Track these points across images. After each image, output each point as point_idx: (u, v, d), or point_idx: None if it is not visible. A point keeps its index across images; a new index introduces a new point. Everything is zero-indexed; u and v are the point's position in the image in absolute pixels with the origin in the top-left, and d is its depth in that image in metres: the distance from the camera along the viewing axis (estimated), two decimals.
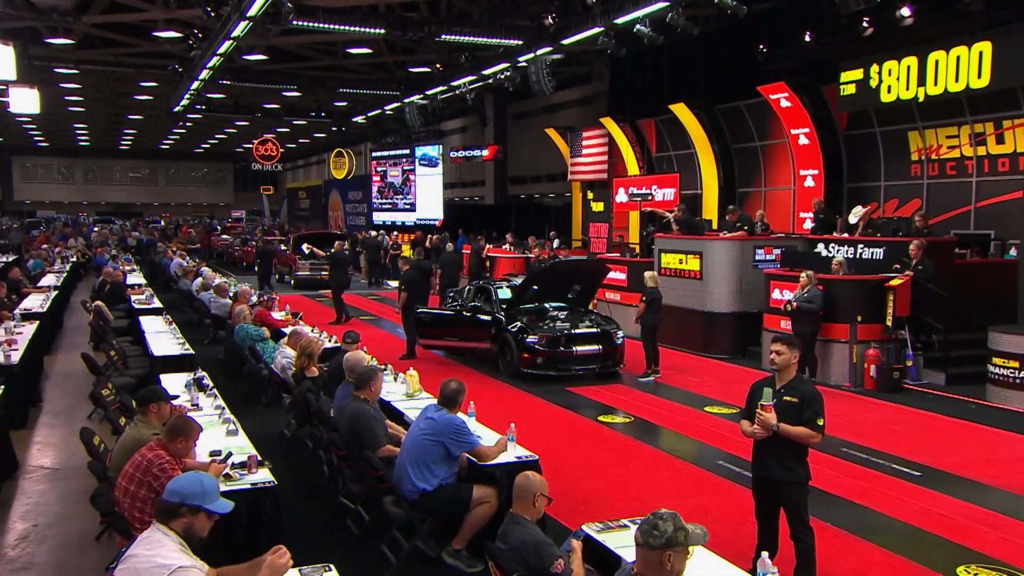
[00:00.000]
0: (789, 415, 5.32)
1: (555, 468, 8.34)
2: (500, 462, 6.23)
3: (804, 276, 12.13)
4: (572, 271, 13.78)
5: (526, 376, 12.43)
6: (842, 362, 12.33)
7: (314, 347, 8.61)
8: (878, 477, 8.17)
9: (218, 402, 7.47)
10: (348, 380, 7.28)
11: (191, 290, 17.10)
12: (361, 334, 16.94)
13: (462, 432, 6.03)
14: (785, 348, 5.46)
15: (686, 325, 14.97)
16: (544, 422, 10.30)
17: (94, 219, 62.77)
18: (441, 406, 6.14)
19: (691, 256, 14.84)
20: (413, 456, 5.96)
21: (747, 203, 21.83)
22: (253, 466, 5.60)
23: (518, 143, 35.86)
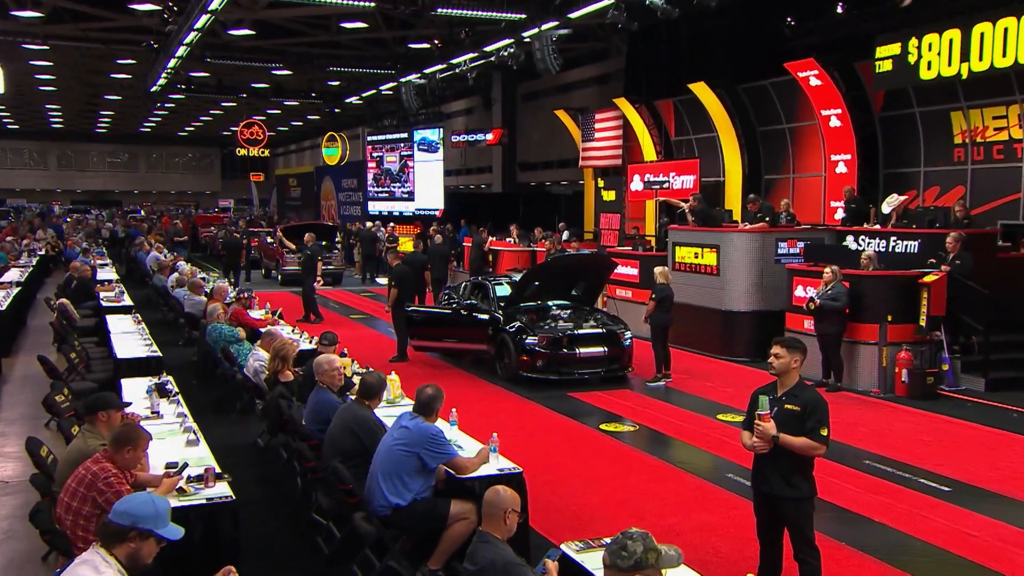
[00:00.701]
0: (790, 425, 5.30)
1: (548, 481, 8.38)
2: (481, 475, 6.23)
3: (828, 271, 12.09)
4: (576, 266, 13.80)
5: (525, 380, 12.46)
6: (870, 366, 12.29)
7: (288, 349, 8.65)
8: (902, 492, 8.15)
9: (180, 409, 7.51)
10: (319, 383, 7.31)
11: (167, 286, 17.18)
12: (351, 334, 17.32)
13: (439, 442, 6.05)
14: (784, 351, 5.43)
15: (702, 325, 14.95)
16: (541, 430, 10.32)
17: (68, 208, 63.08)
18: (416, 414, 6.16)
19: (707, 250, 14.81)
20: (385, 468, 5.99)
21: (774, 191, 21.78)
22: (210, 479, 5.64)
23: (528, 126, 35.84)
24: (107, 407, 5.77)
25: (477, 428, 10.10)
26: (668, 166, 22.60)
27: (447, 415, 7.53)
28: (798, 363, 5.45)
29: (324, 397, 7.22)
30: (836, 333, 12.10)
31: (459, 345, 13.86)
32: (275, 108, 47.69)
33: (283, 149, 71.84)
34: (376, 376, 6.86)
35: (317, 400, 7.24)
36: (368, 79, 31.66)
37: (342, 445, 6.44)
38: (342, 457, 6.35)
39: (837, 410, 10.91)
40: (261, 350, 9.36)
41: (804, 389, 5.45)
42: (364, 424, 6.46)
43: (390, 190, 36.62)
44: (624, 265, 16.76)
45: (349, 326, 18.48)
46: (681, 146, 24.28)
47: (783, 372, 5.44)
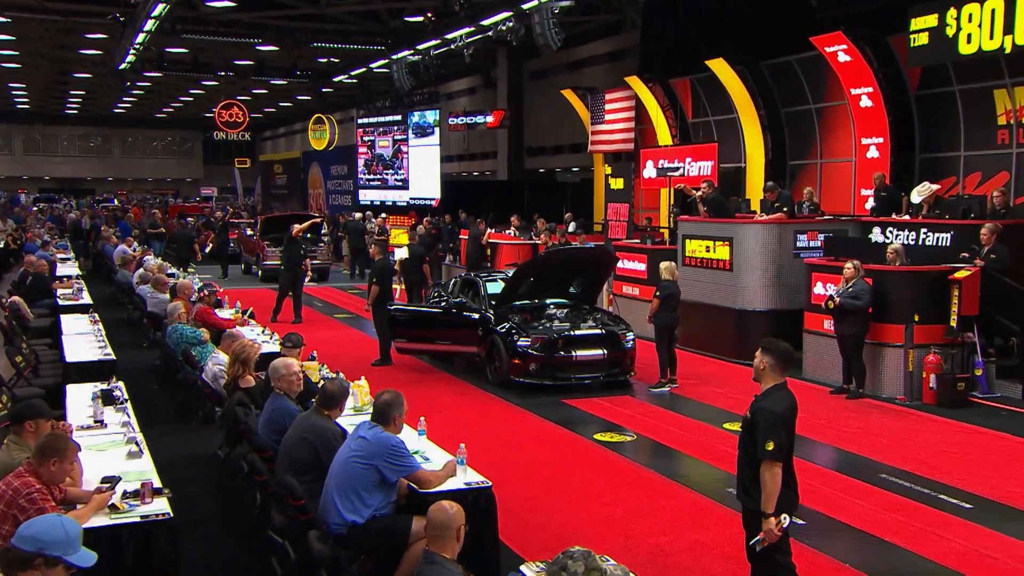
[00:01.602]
0: (744, 437, 5.38)
1: (531, 495, 8.43)
2: (447, 489, 6.28)
3: (849, 267, 12.08)
4: (574, 261, 13.81)
5: (517, 386, 12.50)
6: (896, 371, 12.28)
7: (249, 352, 8.69)
8: (919, 509, 8.15)
9: (127, 418, 7.57)
10: (276, 390, 7.36)
11: (132, 283, 17.30)
12: (333, 335, 17.41)
13: (399, 453, 6.08)
14: (759, 352, 5.49)
15: (713, 325, 14.97)
16: (529, 440, 10.37)
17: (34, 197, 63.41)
18: (375, 423, 6.20)
19: (720, 243, 14.81)
20: (341, 482, 6.02)
21: (800, 178, 21.76)
22: (148, 495, 5.69)
23: (536, 107, 35.88)
24: (35, 416, 5.82)
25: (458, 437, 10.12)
26: (683, 151, 22.60)
27: (415, 423, 7.59)
28: (765, 365, 5.45)
29: (281, 404, 7.27)
30: (858, 335, 12.09)
31: (446, 347, 13.91)
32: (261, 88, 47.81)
33: (271, 133, 72.08)
34: (337, 384, 6.91)
35: (273, 408, 7.28)
36: (358, 56, 31.74)
37: (297, 457, 6.48)
38: (296, 470, 6.40)
39: (857, 419, 11.12)
40: (221, 353, 9.43)
41: (765, 396, 5.42)
42: (321, 435, 6.50)
43: (382, 177, 36.74)
44: (631, 260, 16.79)
45: (332, 327, 18.57)
46: (699, 129, 24.28)
47: (758, 375, 5.50)
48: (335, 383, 6.89)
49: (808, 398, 12.32)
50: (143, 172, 77.84)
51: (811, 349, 13.40)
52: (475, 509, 6.34)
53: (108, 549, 5.21)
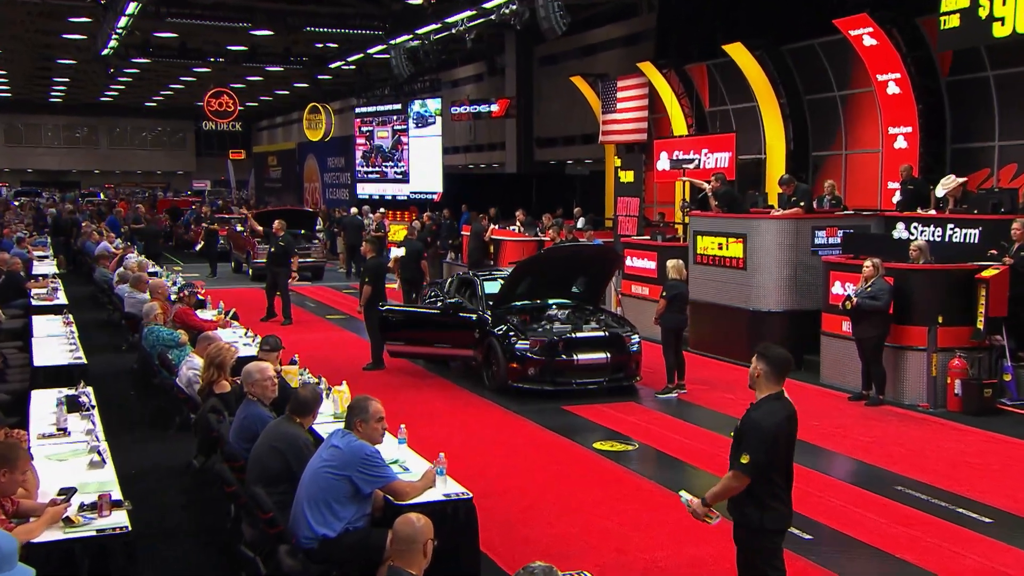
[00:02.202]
0: (735, 444, 5.43)
1: (524, 507, 8.47)
2: (425, 501, 6.31)
3: (868, 265, 12.07)
4: (575, 258, 13.84)
5: (515, 391, 12.55)
6: (918, 376, 12.26)
7: (225, 356, 8.73)
8: (935, 524, 8.14)
9: (91, 426, 7.63)
10: (248, 395, 7.40)
11: (111, 280, 17.39)
12: (324, 337, 17.49)
13: (374, 463, 6.11)
14: (754, 359, 5.50)
15: (725, 327, 14.99)
16: (524, 449, 10.41)
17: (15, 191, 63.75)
18: (348, 430, 6.24)
19: (733, 240, 14.82)
20: (312, 494, 6.06)
21: (823, 170, 21.73)
22: (105, 507, 5.73)
23: (546, 95, 35.90)
24: None
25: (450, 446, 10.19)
26: (699, 142, 22.59)
27: (395, 431, 7.63)
28: (759, 373, 5.45)
29: (253, 411, 7.30)
30: (877, 337, 12.08)
31: (441, 351, 13.96)
32: (256, 74, 47.96)
33: (267, 123, 72.34)
34: (311, 389, 6.95)
35: (246, 415, 7.32)
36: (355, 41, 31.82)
37: (267, 467, 6.53)
38: (266, 481, 6.44)
39: (875, 427, 11.11)
40: (196, 357, 9.48)
41: (757, 407, 5.43)
42: (292, 443, 6.54)
43: (381, 170, 36.81)
44: (640, 258, 16.81)
45: (323, 328, 18.65)
46: (716, 118, 24.25)
47: (752, 382, 5.50)
48: (308, 388, 6.94)
49: (825, 405, 12.33)
50: (132, 164, 78.13)
51: (829, 353, 13.39)
52: (454, 522, 6.40)
53: (61, 565, 5.25)
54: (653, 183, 25.60)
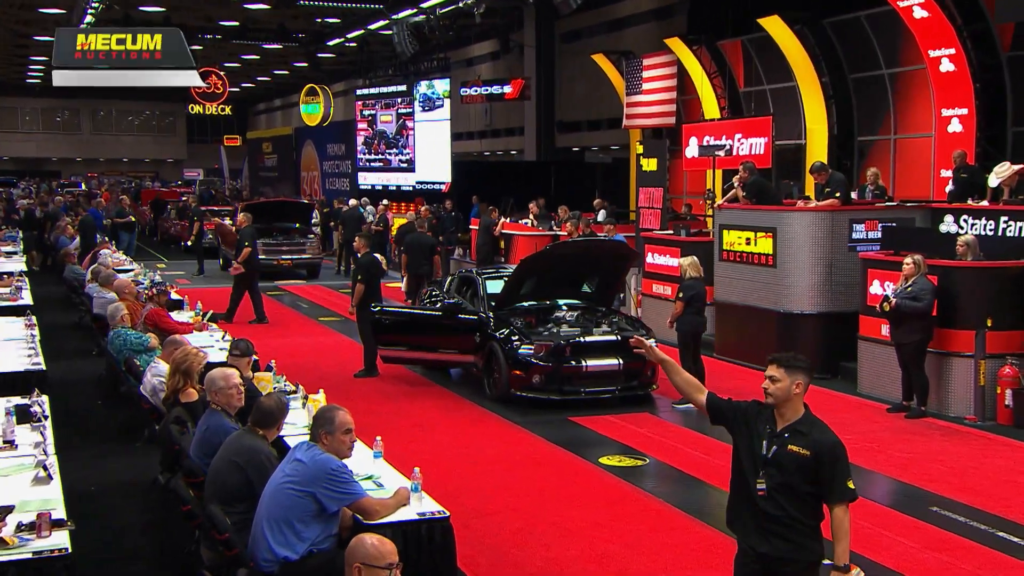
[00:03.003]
0: (797, 475, 5.21)
1: (519, 528, 8.51)
2: (397, 519, 6.37)
3: (909, 262, 12.01)
4: (585, 255, 13.85)
5: (519, 401, 12.58)
6: (964, 385, 12.20)
7: (192, 361, 8.78)
8: (970, 549, 8.12)
9: (41, 438, 7.70)
10: (212, 405, 7.46)
11: (83, 279, 17.55)
12: (314, 342, 17.59)
13: (340, 479, 6.15)
14: (782, 372, 5.30)
15: (754, 330, 14.97)
16: (524, 464, 10.44)
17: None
18: (313, 442, 6.28)
19: (761, 234, 14.79)
20: (273, 512, 6.10)
21: (870, 157, 21.71)
22: (44, 527, 5.79)
23: (569, 75, 35.99)
24: None
25: (441, 461, 10.34)
26: (732, 126, 22.53)
27: (371, 442, 7.68)
28: (800, 387, 5.30)
29: (216, 422, 7.35)
30: (918, 342, 12.02)
31: (438, 356, 14.01)
32: (252, 52, 48.24)
33: (265, 106, 72.80)
34: (275, 398, 6.99)
35: (208, 426, 7.38)
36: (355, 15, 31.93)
37: (225, 483, 6.57)
38: (224, 499, 6.49)
39: (914, 442, 11.09)
40: (161, 363, 9.54)
41: (815, 425, 5.31)
42: (253, 457, 6.58)
43: (384, 157, 36.92)
44: (662, 254, 16.81)
45: (314, 331, 18.75)
46: (751, 99, 24.23)
47: (783, 401, 5.31)
48: (272, 397, 6.98)
49: (861, 417, 12.30)
50: (117, 151, 78.78)
51: (867, 359, 13.35)
52: (429, 543, 6.45)
53: None
54: (682, 171, 25.62)
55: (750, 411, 5.54)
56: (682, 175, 26.46)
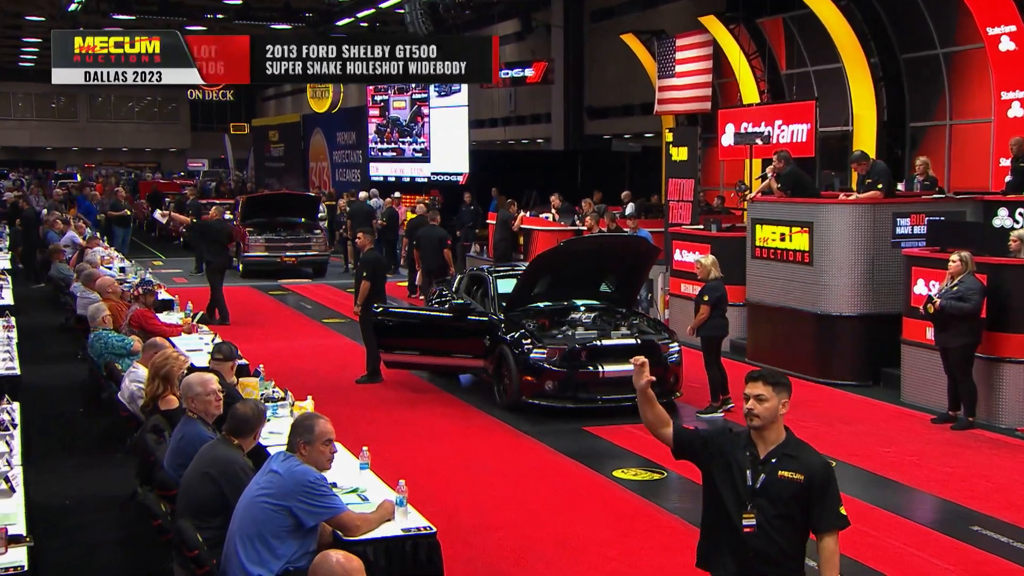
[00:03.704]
0: (794, 503, 5.17)
1: (521, 545, 8.58)
2: (379, 536, 6.41)
3: (955, 259, 11.95)
4: (602, 252, 13.86)
5: (531, 409, 12.64)
6: (1016, 394, 12.18)
7: (172, 366, 8.85)
8: (1013, 572, 8.11)
9: (6, 448, 7.80)
10: (189, 412, 7.54)
11: (70, 278, 17.73)
12: (316, 344, 17.70)
13: (318, 492, 6.19)
14: (769, 390, 5.22)
15: (787, 334, 14.99)
16: (532, 478, 10.50)
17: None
18: (291, 453, 6.34)
19: (797, 229, 14.76)
20: (246, 528, 6.13)
21: (923, 145, 21.60)
22: (0, 544, 5.87)
23: (600, 57, 36.00)
24: None
25: (441, 474, 10.41)
26: (771, 111, 22.54)
27: (357, 452, 7.74)
28: (785, 407, 5.25)
29: (193, 431, 7.42)
30: (965, 347, 11.96)
31: (444, 361, 14.07)
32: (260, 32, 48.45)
33: (274, 91, 72.98)
34: (251, 405, 7.04)
35: (183, 434, 7.44)
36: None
37: (198, 496, 6.62)
38: (197, 513, 6.55)
39: (959, 455, 11.10)
40: (141, 367, 9.64)
41: (802, 447, 5.27)
42: (227, 469, 6.62)
43: (398, 147, 37.03)
44: (691, 251, 16.80)
45: (317, 334, 18.86)
46: (793, 82, 24.16)
47: (769, 423, 5.22)
48: (248, 404, 7.03)
49: (902, 428, 12.29)
50: (116, 140, 79.36)
51: (912, 365, 13.31)
52: (414, 561, 6.49)
53: None
54: (718, 161, 25.59)
55: (723, 440, 5.42)
56: (718, 165, 26.44)
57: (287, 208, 27.61)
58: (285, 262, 26.23)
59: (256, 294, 23.74)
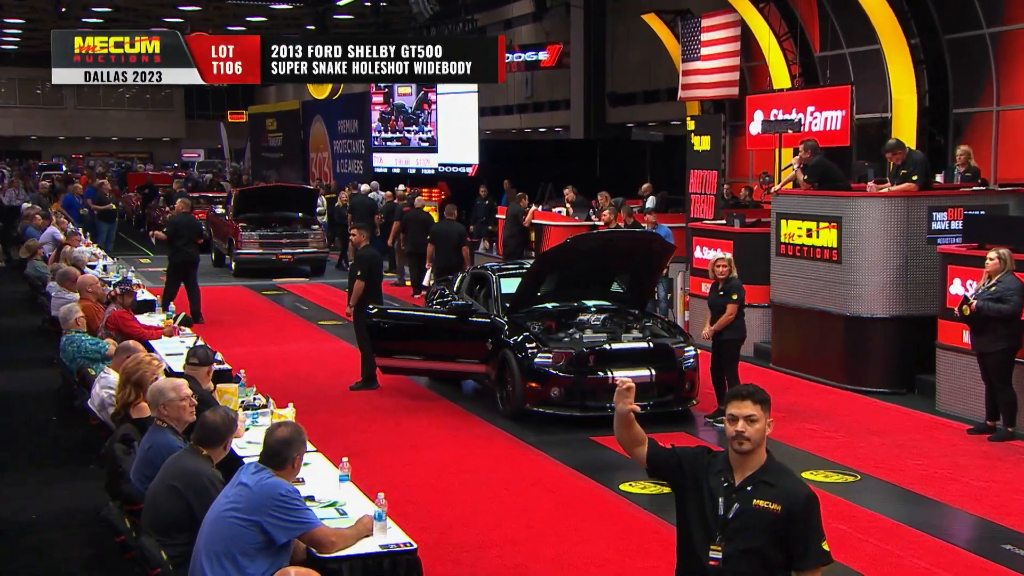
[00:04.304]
0: (768, 537, 5.05)
1: (514, 565, 8.66)
2: (355, 552, 6.44)
3: (993, 257, 11.93)
4: (611, 249, 13.87)
5: (535, 418, 12.68)
6: None
7: (144, 371, 8.89)
8: None
9: None
10: (158, 421, 7.59)
11: (46, 276, 17.83)
12: (310, 349, 17.77)
13: (291, 505, 6.23)
14: (759, 409, 5.14)
15: (815, 337, 15.01)
16: (533, 491, 10.54)
17: None
18: (263, 465, 6.38)
19: (824, 225, 14.75)
20: (213, 544, 6.17)
21: (968, 133, 21.57)
22: None
23: (623, 39, 36.02)
24: None
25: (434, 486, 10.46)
26: (802, 97, 22.53)
27: (337, 463, 7.78)
28: (771, 426, 5.17)
29: (161, 440, 7.46)
30: (1003, 352, 11.92)
31: (443, 366, 14.12)
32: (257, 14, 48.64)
33: None
34: (222, 414, 7.07)
35: (152, 444, 7.48)
36: None
37: (163, 511, 6.68)
38: (162, 528, 6.61)
39: (994, 469, 11.14)
40: (112, 372, 9.70)
41: (783, 474, 5.15)
42: (194, 481, 6.67)
43: (403, 136, 37.12)
44: (711, 247, 16.78)
45: (313, 337, 18.93)
46: (827, 66, 24.13)
47: (758, 445, 5.12)
48: (218, 412, 7.07)
49: (935, 440, 12.28)
50: (106, 129, 79.68)
51: (947, 372, 13.29)
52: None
53: None
54: (747, 151, 25.59)
55: (699, 461, 5.30)
56: (747, 156, 26.43)
57: (283, 202, 27.64)
58: (281, 260, 26.25)
59: (249, 294, 23.86)
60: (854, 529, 9.29)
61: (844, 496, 10.23)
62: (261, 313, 21.59)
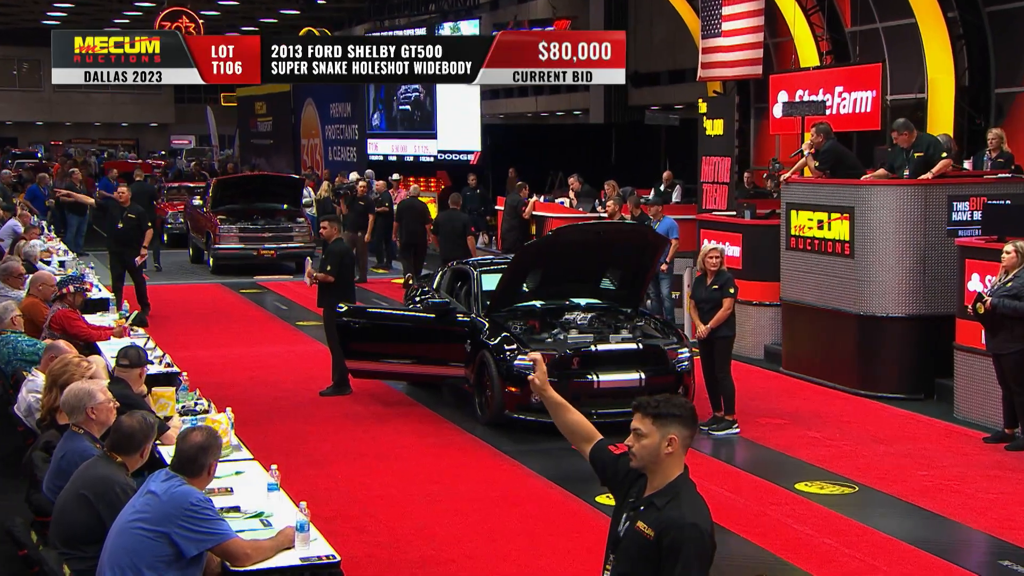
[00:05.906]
0: (642, 565, 4.95)
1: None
2: (274, 566, 6.57)
3: (1009, 250, 11.96)
4: (599, 242, 13.94)
5: (515, 424, 12.81)
6: None
7: (72, 374, 8.96)
8: None
9: None
10: (74, 426, 7.72)
11: None
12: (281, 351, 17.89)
13: (201, 515, 6.34)
14: (649, 424, 5.01)
15: (825, 338, 15.06)
16: (500, 504, 10.69)
17: None
18: (175, 472, 6.52)
19: (836, 216, 14.80)
20: (118, 557, 6.27)
21: (1012, 114, 21.53)
22: None
23: (645, 15, 36.05)
24: None
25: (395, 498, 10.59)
26: (829, 76, 22.52)
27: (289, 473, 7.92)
28: (675, 445, 4.97)
29: (76, 447, 7.56)
30: (1020, 353, 11.97)
31: (419, 369, 14.24)
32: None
33: None
34: (139, 418, 7.15)
35: (66, 451, 7.57)
36: None
37: (72, 521, 6.81)
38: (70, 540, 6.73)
39: (1006, 480, 11.26)
40: (39, 375, 9.82)
41: (676, 497, 4.96)
42: (106, 490, 6.77)
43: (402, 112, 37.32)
44: (719, 240, 16.85)
45: (289, 339, 19.04)
46: (858, 42, 24.14)
47: (651, 463, 5.01)
48: (135, 416, 7.16)
49: (950, 448, 12.35)
50: (88, 114, 79.79)
51: (966, 375, 13.33)
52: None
53: None
54: (771, 136, 25.60)
55: (632, 473, 5.20)
56: (772, 140, 26.45)
57: (266, 193, 27.71)
58: (262, 256, 26.18)
59: (226, 292, 23.99)
60: (840, 543, 9.41)
61: (837, 509, 10.34)
62: (236, 313, 21.70)
